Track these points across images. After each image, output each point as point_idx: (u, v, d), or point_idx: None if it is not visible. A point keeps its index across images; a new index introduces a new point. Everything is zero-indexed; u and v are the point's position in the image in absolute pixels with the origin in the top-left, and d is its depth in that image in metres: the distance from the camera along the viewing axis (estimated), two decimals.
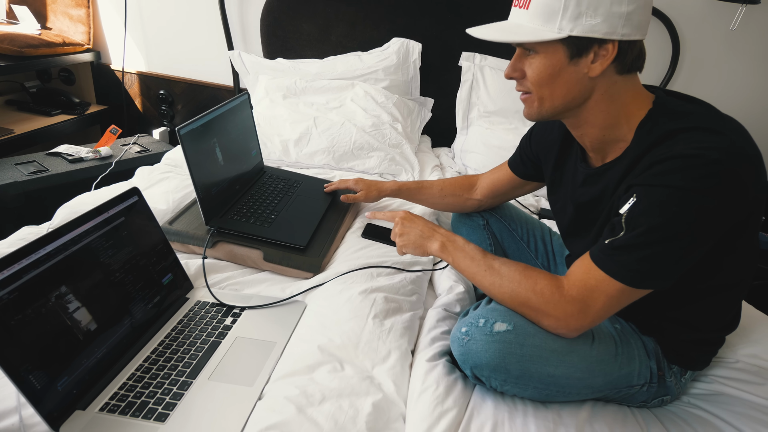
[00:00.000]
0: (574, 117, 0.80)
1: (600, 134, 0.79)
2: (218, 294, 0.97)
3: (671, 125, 0.70)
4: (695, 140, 0.66)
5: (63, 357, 0.68)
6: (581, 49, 0.72)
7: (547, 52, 0.73)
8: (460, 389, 0.81)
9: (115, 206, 0.84)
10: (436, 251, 0.89)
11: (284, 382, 0.76)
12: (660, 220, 0.66)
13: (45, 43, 2.03)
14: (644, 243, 0.68)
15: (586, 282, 0.72)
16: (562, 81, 0.74)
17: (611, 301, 0.71)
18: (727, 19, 1.72)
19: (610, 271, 0.70)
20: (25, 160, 1.67)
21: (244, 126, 1.33)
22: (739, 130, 0.70)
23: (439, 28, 1.97)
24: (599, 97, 0.76)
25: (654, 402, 0.86)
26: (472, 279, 0.84)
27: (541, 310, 0.75)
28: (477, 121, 1.91)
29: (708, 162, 0.64)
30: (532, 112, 0.80)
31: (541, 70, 0.74)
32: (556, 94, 0.76)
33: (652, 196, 0.67)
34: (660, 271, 0.69)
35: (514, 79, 0.79)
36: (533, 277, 0.77)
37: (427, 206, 1.33)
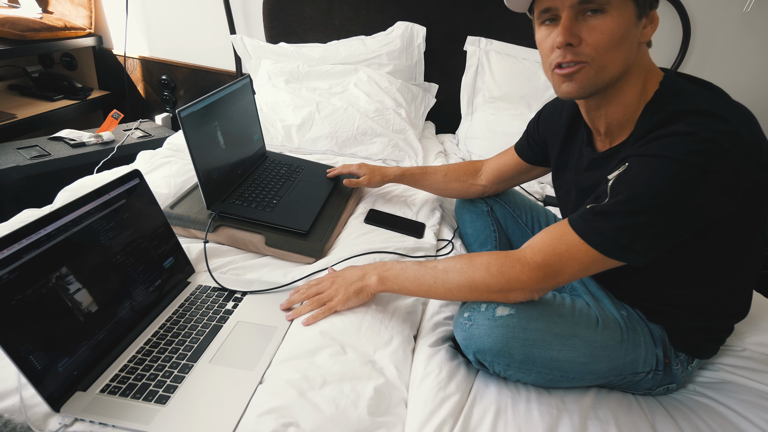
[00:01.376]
0: (607, 92, 0.74)
1: (622, 114, 0.76)
2: (220, 278, 0.96)
3: (675, 107, 0.68)
4: (695, 121, 0.64)
5: (63, 338, 0.68)
6: (643, 10, 0.69)
7: (620, 9, 0.66)
8: (463, 375, 0.80)
9: (116, 188, 0.83)
10: (375, 286, 0.85)
11: (285, 366, 0.75)
12: (645, 189, 0.64)
13: (46, 27, 2.01)
14: (625, 211, 0.66)
15: (555, 247, 0.71)
16: (627, 44, 0.69)
17: (581, 266, 0.70)
18: (739, 1, 1.68)
19: (586, 236, 0.69)
20: (27, 145, 1.67)
21: (245, 110, 1.31)
22: (746, 118, 0.67)
23: (443, 12, 1.93)
24: (636, 69, 0.73)
25: (659, 390, 0.85)
26: (427, 295, 0.82)
27: (507, 288, 0.74)
28: (482, 107, 1.89)
29: (702, 139, 0.62)
30: (585, 84, 0.70)
31: (614, 29, 0.66)
32: (617, 60, 0.69)
33: (642, 164, 0.66)
34: (637, 243, 0.67)
35: (570, 45, 0.68)
36: (482, 263, 0.76)
37: (431, 192, 1.31)
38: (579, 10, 0.68)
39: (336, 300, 0.86)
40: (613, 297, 0.87)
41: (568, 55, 0.69)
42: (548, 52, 0.72)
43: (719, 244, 0.72)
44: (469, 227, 1.23)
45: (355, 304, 0.87)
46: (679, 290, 0.79)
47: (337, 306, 0.85)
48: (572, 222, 0.72)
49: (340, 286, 0.87)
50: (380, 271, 0.85)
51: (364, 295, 0.86)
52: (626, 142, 0.76)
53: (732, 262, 0.75)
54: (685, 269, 0.76)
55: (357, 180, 1.28)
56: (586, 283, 0.90)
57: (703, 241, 0.71)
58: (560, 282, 0.73)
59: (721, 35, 1.79)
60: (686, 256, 0.74)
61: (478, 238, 1.21)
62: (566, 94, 0.73)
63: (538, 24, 0.75)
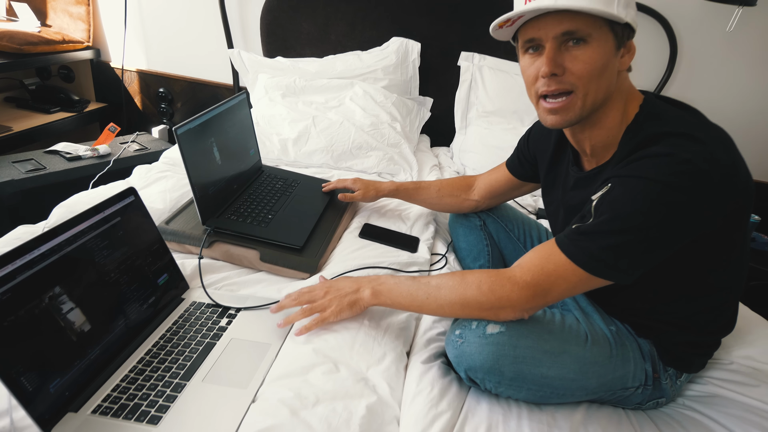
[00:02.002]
0: (590, 118, 0.76)
1: (605, 136, 0.78)
2: (214, 294, 0.96)
3: (655, 129, 0.71)
4: (674, 143, 0.66)
5: (55, 358, 0.68)
6: (621, 41, 0.71)
7: (600, 40, 0.69)
8: (455, 391, 0.81)
9: (111, 206, 0.84)
10: (368, 300, 0.85)
11: (278, 384, 0.76)
12: (628, 209, 0.66)
13: (44, 41, 2.03)
14: (609, 231, 0.67)
15: (543, 267, 0.72)
16: (608, 73, 0.71)
17: (569, 286, 0.72)
18: (723, 21, 1.72)
19: (572, 256, 0.70)
20: (23, 158, 1.67)
21: (242, 125, 1.33)
22: (722, 140, 0.69)
23: (438, 28, 1.96)
24: (617, 94, 0.76)
25: (649, 404, 0.86)
26: (419, 310, 0.83)
27: (497, 306, 0.74)
28: (475, 121, 1.91)
29: (680, 160, 0.64)
30: (573, 115, 0.73)
31: (596, 59, 0.69)
32: (600, 88, 0.72)
33: (624, 185, 0.68)
34: (620, 263, 0.69)
35: (555, 75, 0.71)
36: (474, 280, 0.77)
37: (425, 206, 1.33)
38: (562, 41, 0.70)
39: (329, 311, 0.86)
40: (602, 312, 0.88)
41: (553, 85, 0.72)
42: (533, 80, 0.75)
43: (704, 261, 0.74)
44: (462, 241, 1.24)
45: (347, 316, 0.87)
46: (666, 306, 0.81)
47: (330, 317, 0.86)
48: (559, 242, 0.73)
49: (333, 297, 0.87)
50: (374, 284, 0.86)
51: (357, 308, 0.87)
52: (609, 162, 0.78)
53: (717, 278, 0.77)
54: (671, 285, 0.78)
55: (351, 195, 1.29)
56: (576, 299, 0.91)
57: (688, 258, 0.73)
58: (549, 301, 0.74)
59: (707, 53, 1.83)
60: (672, 272, 0.75)
61: (471, 252, 1.22)
62: (552, 125, 0.76)
63: (522, 52, 0.77)
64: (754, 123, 1.88)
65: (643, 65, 1.90)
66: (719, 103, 1.88)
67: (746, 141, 1.87)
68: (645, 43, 1.85)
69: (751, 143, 1.90)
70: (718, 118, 1.98)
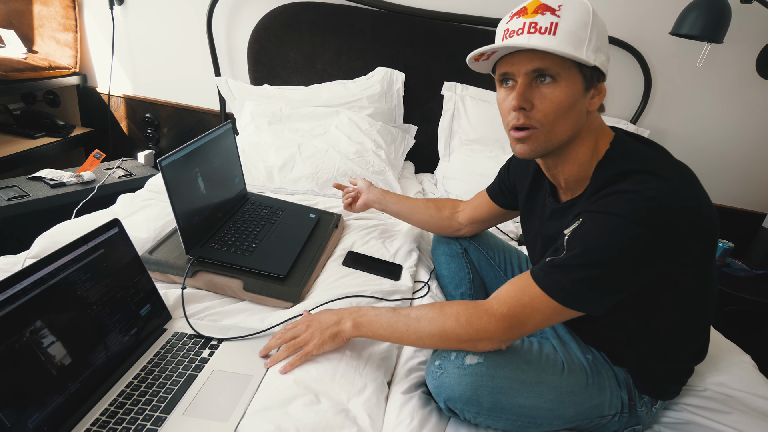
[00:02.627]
0: (560, 153, 0.81)
1: (577, 171, 0.82)
2: (196, 325, 0.97)
3: (625, 166, 0.74)
4: (641, 180, 0.70)
5: (34, 393, 0.68)
6: (590, 82, 0.75)
7: (569, 80, 0.73)
8: (435, 422, 0.82)
9: (95, 238, 0.85)
10: (350, 332, 0.86)
11: (259, 417, 0.76)
12: (596, 244, 0.70)
13: (30, 67, 2.04)
14: (580, 265, 0.71)
15: (518, 299, 0.75)
16: (574, 113, 0.75)
17: (544, 317, 0.74)
18: (694, 56, 1.81)
19: (546, 288, 0.73)
20: (5, 185, 1.66)
21: (227, 154, 1.34)
22: (686, 177, 0.73)
23: (421, 59, 2.03)
24: (587, 132, 0.80)
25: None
26: (399, 342, 0.84)
27: (475, 338, 0.77)
28: (459, 149, 1.96)
29: (644, 198, 0.68)
30: (537, 147, 0.77)
31: (562, 99, 0.73)
32: (565, 127, 0.76)
33: (593, 221, 0.71)
34: (592, 295, 0.72)
35: (522, 109, 0.75)
36: (453, 312, 0.79)
37: (410, 218, 1.31)
38: (533, 77, 0.74)
39: (311, 345, 0.87)
40: (579, 340, 0.91)
41: (522, 119, 0.76)
42: (507, 112, 0.79)
43: (670, 293, 0.77)
44: (444, 269, 1.27)
45: (329, 348, 0.88)
46: (636, 335, 0.83)
47: (313, 351, 0.87)
48: (534, 274, 0.76)
49: (315, 330, 0.88)
50: (355, 317, 0.87)
51: (339, 340, 0.88)
52: (582, 195, 0.81)
53: (685, 308, 0.80)
54: (640, 316, 0.81)
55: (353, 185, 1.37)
56: (554, 327, 0.93)
57: (655, 289, 0.76)
58: (525, 332, 0.76)
59: (679, 86, 1.92)
60: (640, 303, 0.78)
61: (453, 279, 1.24)
62: (520, 154, 0.80)
63: (498, 85, 0.81)
64: (724, 151, 1.96)
65: (620, 97, 1.98)
66: (691, 133, 1.96)
67: (718, 168, 1.97)
68: (621, 76, 1.94)
69: (722, 171, 1.97)
70: (690, 147, 2.05)
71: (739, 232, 2.01)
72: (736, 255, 1.93)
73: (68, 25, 2.23)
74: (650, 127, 1.97)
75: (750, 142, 1.93)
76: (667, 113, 1.97)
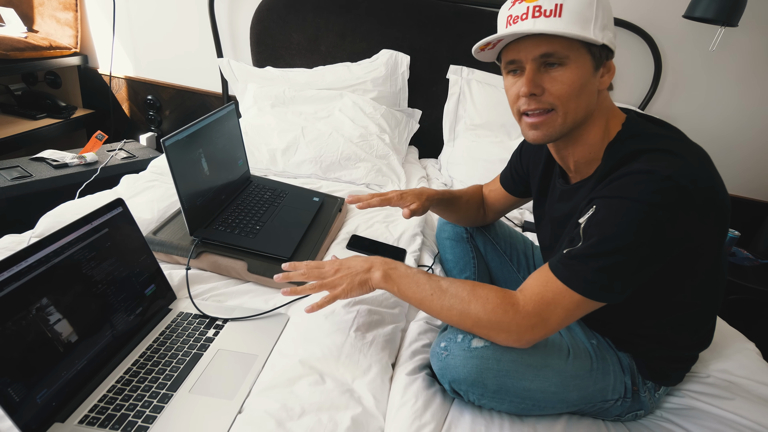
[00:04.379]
0: (572, 135, 0.79)
1: (587, 153, 0.81)
2: (201, 305, 0.97)
3: (636, 146, 0.73)
4: (654, 159, 0.69)
5: (42, 369, 0.68)
6: (599, 61, 0.74)
7: (578, 61, 0.72)
8: (439, 403, 0.82)
9: (98, 217, 0.84)
10: (378, 282, 0.84)
11: (265, 396, 0.76)
12: (614, 231, 0.68)
13: (31, 47, 2.02)
14: (599, 253, 0.69)
15: (543, 295, 0.73)
16: (587, 93, 0.74)
17: (567, 313, 0.72)
18: (706, 40, 1.78)
19: (568, 281, 0.71)
20: (8, 165, 1.66)
21: (230, 136, 1.33)
22: (700, 156, 0.72)
23: (427, 41, 2.00)
24: (598, 112, 0.78)
25: (628, 416, 0.88)
26: (420, 306, 0.82)
27: (495, 328, 0.74)
28: (463, 134, 1.94)
29: (660, 178, 0.66)
30: (553, 131, 0.76)
31: (573, 80, 0.72)
32: (580, 107, 0.75)
33: (609, 207, 0.70)
34: (614, 283, 0.70)
35: (534, 95, 0.74)
36: (483, 295, 0.76)
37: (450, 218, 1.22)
38: (541, 62, 0.73)
39: (340, 289, 0.85)
40: (584, 326, 0.91)
41: (533, 104, 0.75)
42: (515, 99, 0.78)
43: (680, 277, 0.77)
44: (449, 253, 1.26)
45: (356, 294, 0.86)
46: (643, 321, 0.83)
47: (341, 295, 0.85)
48: (553, 267, 0.74)
49: (345, 275, 0.86)
50: (386, 268, 0.85)
51: (366, 288, 0.86)
52: (592, 176, 0.80)
53: (693, 294, 0.80)
54: (649, 302, 0.80)
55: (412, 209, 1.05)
56: None
57: (666, 274, 0.75)
58: (548, 332, 0.73)
59: (690, 71, 1.89)
60: (650, 289, 0.77)
61: (458, 263, 1.24)
62: (533, 140, 0.79)
63: (505, 73, 0.80)
64: (735, 140, 1.94)
65: (629, 82, 1.95)
66: (702, 120, 1.94)
67: (727, 157, 1.95)
68: (631, 60, 1.91)
69: (732, 159, 1.96)
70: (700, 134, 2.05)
71: (746, 221, 2.00)
72: (742, 244, 1.92)
73: (68, 4, 2.19)
74: (659, 113, 1.95)
75: (762, 131, 1.91)
76: (677, 99, 1.94)
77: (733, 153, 1.95)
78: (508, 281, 1.23)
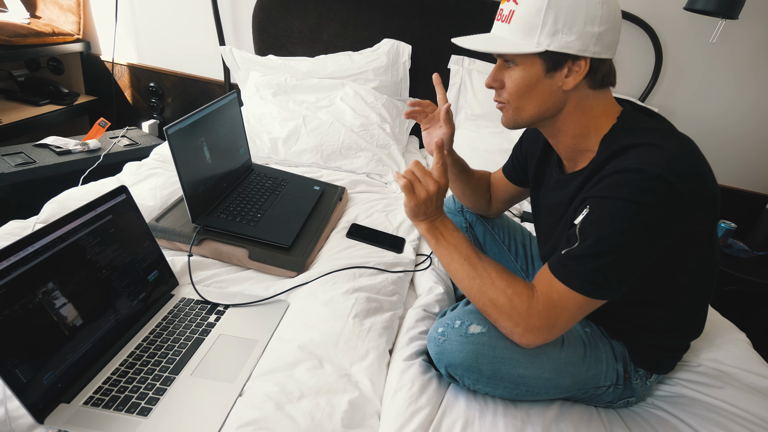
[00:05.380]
0: (549, 126, 0.84)
1: (572, 143, 0.83)
2: (203, 291, 0.99)
3: (627, 140, 0.75)
4: (642, 155, 0.71)
5: (49, 351, 0.70)
6: (556, 63, 0.76)
7: (525, 64, 0.77)
8: (434, 388, 0.84)
9: (103, 204, 0.86)
10: (425, 227, 0.86)
11: (264, 379, 0.79)
12: (609, 230, 0.70)
13: (34, 33, 2.02)
14: (596, 253, 0.71)
15: (549, 296, 0.74)
16: (538, 92, 0.78)
17: (572, 315, 0.74)
18: (707, 32, 1.77)
19: (568, 282, 0.73)
20: (12, 151, 1.67)
21: (232, 124, 1.34)
22: (690, 150, 0.73)
23: (429, 31, 1.99)
24: (572, 109, 0.80)
25: (620, 403, 0.90)
26: (448, 267, 0.84)
27: (505, 314, 0.76)
28: (464, 124, 1.94)
29: (650, 177, 0.68)
30: (509, 120, 0.84)
31: (519, 81, 0.78)
32: (531, 105, 0.80)
33: (602, 207, 0.71)
34: (612, 281, 0.72)
35: (493, 88, 0.83)
36: (508, 279, 0.78)
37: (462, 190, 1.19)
38: (504, 60, 0.80)
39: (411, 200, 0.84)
40: None
41: (496, 95, 0.84)
42: None
43: (672, 267, 0.78)
44: None
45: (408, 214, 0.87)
46: (636, 310, 0.85)
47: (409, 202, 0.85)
48: (552, 268, 0.75)
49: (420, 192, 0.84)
50: (438, 223, 0.86)
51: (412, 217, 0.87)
52: (586, 168, 0.82)
53: (684, 283, 0.81)
54: (641, 292, 0.82)
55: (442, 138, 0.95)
56: None
57: (657, 265, 0.76)
58: (555, 335, 0.75)
59: (691, 63, 1.89)
60: (642, 280, 0.79)
61: None
62: (503, 123, 0.86)
63: None
64: (734, 132, 1.94)
65: (629, 74, 1.95)
66: (701, 112, 1.94)
67: (726, 149, 1.95)
68: (632, 52, 1.90)
69: (731, 151, 1.96)
70: (699, 127, 2.02)
71: (742, 213, 2.01)
72: (738, 236, 1.93)
73: None
74: (659, 105, 1.94)
75: (761, 123, 1.90)
76: (677, 91, 1.94)
77: (731, 145, 1.95)
78: None
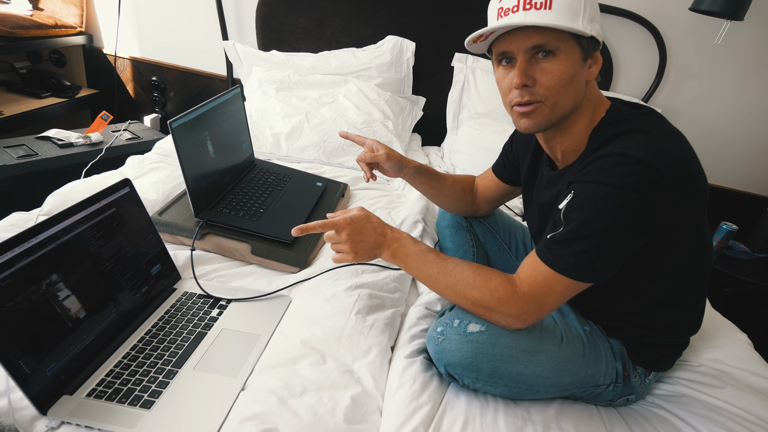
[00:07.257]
0: (561, 125, 0.81)
1: (574, 142, 0.83)
2: (205, 285, 0.99)
3: (616, 129, 0.75)
4: (627, 140, 0.71)
5: (52, 343, 0.70)
6: (588, 52, 0.76)
7: (568, 53, 0.74)
8: (436, 385, 0.84)
9: (106, 197, 0.86)
10: (387, 259, 0.88)
11: (267, 374, 0.79)
12: (593, 215, 0.71)
13: (36, 25, 2.01)
14: (580, 237, 0.72)
15: (534, 278, 0.76)
16: (576, 84, 0.76)
17: (558, 295, 0.75)
18: (712, 33, 1.77)
19: (553, 265, 0.74)
20: (14, 144, 1.67)
21: (235, 119, 1.34)
22: (676, 139, 0.73)
23: (433, 28, 1.99)
24: (586, 102, 0.80)
25: (619, 401, 0.90)
26: (426, 282, 0.85)
27: (495, 309, 0.78)
28: (467, 122, 1.94)
29: (634, 161, 0.68)
30: (541, 121, 0.78)
31: (563, 71, 0.74)
32: (568, 98, 0.77)
33: (586, 192, 0.72)
34: (596, 264, 0.73)
35: (525, 86, 0.75)
36: (486, 275, 0.80)
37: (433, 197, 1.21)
38: (532, 53, 0.75)
39: (349, 256, 0.86)
40: (578, 313, 0.93)
41: (525, 96, 0.76)
42: (507, 90, 0.79)
43: (662, 258, 0.79)
44: (448, 241, 1.28)
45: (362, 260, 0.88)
46: (630, 307, 0.85)
47: (350, 260, 0.87)
48: (539, 252, 0.77)
49: (358, 249, 0.86)
50: (395, 247, 0.87)
51: (370, 256, 0.88)
52: (575, 162, 0.82)
53: (675, 279, 0.81)
54: (633, 287, 0.83)
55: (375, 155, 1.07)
56: None
57: (646, 258, 0.77)
58: (543, 313, 0.77)
59: (695, 63, 1.88)
60: (635, 270, 0.79)
61: (457, 251, 1.26)
62: (525, 129, 0.80)
63: (496, 64, 0.81)
64: (737, 134, 1.94)
65: (633, 74, 1.95)
66: (704, 113, 1.94)
67: (728, 150, 1.95)
68: (635, 52, 1.90)
69: (733, 153, 1.96)
70: (702, 128, 2.01)
71: (743, 216, 2.01)
72: (740, 238, 1.93)
73: None
74: (662, 106, 1.94)
75: (764, 125, 1.90)
76: (681, 92, 1.93)
77: (734, 147, 1.95)
78: (507, 269, 1.25)
